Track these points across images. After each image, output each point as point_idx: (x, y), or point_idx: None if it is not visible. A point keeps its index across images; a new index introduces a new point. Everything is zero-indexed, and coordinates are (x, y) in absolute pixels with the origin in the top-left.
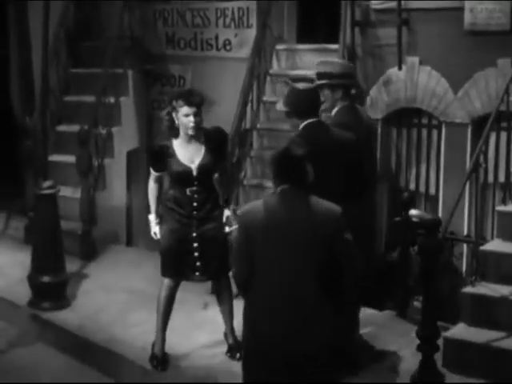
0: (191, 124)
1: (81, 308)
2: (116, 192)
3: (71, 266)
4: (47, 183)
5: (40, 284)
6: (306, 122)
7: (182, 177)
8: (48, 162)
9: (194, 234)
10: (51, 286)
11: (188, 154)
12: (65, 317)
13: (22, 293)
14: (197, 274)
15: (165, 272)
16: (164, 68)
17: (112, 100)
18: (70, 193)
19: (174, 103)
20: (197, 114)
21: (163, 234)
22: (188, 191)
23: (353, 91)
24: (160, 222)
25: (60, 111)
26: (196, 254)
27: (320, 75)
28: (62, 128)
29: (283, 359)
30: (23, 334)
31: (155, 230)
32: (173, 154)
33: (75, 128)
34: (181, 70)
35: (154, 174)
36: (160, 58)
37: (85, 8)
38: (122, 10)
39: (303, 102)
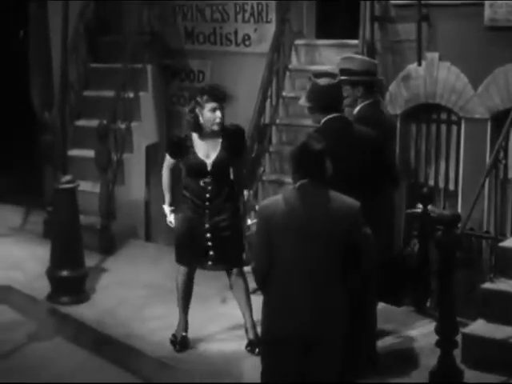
0: (217, 119)
1: (99, 302)
2: (135, 187)
3: (90, 260)
4: (66, 178)
5: (59, 278)
6: (326, 118)
7: (197, 170)
8: (67, 157)
9: (207, 225)
10: (70, 281)
11: (205, 148)
12: (83, 311)
13: (41, 287)
14: (210, 263)
15: (179, 259)
16: (183, 63)
17: (131, 95)
18: (89, 187)
19: (199, 99)
20: (222, 109)
21: (178, 222)
22: (201, 182)
23: (375, 89)
24: (175, 211)
25: (79, 106)
26: (209, 243)
27: (341, 71)
28: (81, 123)
29: (301, 346)
30: (42, 328)
31: (170, 218)
32: (191, 147)
33: (94, 123)
34: (200, 65)
35: (168, 160)
36: (179, 52)
37: (104, 3)
38: (141, 4)
39: (325, 98)
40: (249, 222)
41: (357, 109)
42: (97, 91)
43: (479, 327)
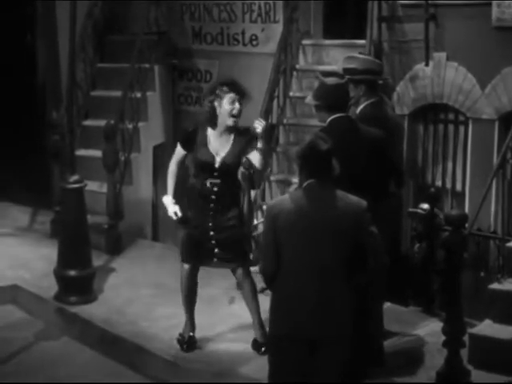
0: (235, 111)
1: (107, 302)
2: (142, 187)
3: (97, 260)
4: (74, 177)
5: (66, 278)
6: (332, 117)
7: (205, 166)
8: (75, 157)
9: (210, 224)
10: (78, 280)
11: (217, 145)
12: (91, 311)
13: (49, 287)
14: (215, 260)
15: (182, 257)
16: (190, 63)
17: (138, 95)
18: (96, 187)
19: (219, 91)
20: (241, 102)
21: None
22: (208, 183)
23: (378, 88)
24: (178, 203)
25: (87, 106)
26: (213, 241)
27: (344, 71)
28: (88, 123)
29: (308, 345)
30: (49, 328)
31: (174, 209)
32: (203, 140)
33: (102, 123)
34: (207, 65)
35: (179, 152)
36: (186, 52)
37: (112, 3)
38: (148, 4)
39: (332, 97)
40: (255, 221)
41: (359, 108)
42: (104, 91)
43: (486, 328)
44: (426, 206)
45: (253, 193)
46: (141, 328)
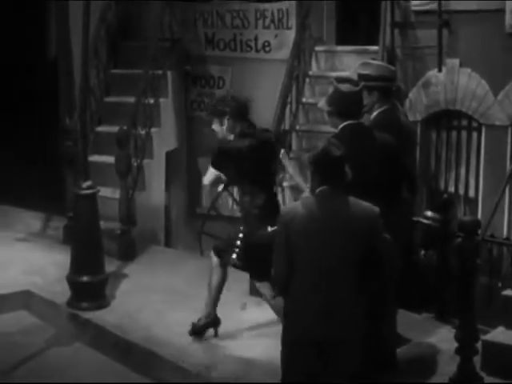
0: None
1: (119, 308)
2: (155, 192)
3: (110, 266)
4: (87, 183)
5: (79, 284)
6: (345, 123)
7: None
8: (88, 163)
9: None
10: (90, 286)
11: None
12: (103, 317)
13: (61, 292)
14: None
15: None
16: (203, 69)
17: (151, 101)
18: (109, 193)
19: None
20: (216, 123)
21: None
22: None
23: (391, 95)
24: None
25: (100, 112)
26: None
27: (359, 76)
28: (101, 129)
29: (319, 348)
30: (61, 333)
31: None
32: None
33: (115, 129)
34: (220, 71)
35: None
36: (199, 58)
37: (125, 8)
38: (162, 10)
39: (346, 104)
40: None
41: (373, 115)
42: (117, 97)
43: (499, 334)
44: (429, 213)
45: None
46: (153, 334)
